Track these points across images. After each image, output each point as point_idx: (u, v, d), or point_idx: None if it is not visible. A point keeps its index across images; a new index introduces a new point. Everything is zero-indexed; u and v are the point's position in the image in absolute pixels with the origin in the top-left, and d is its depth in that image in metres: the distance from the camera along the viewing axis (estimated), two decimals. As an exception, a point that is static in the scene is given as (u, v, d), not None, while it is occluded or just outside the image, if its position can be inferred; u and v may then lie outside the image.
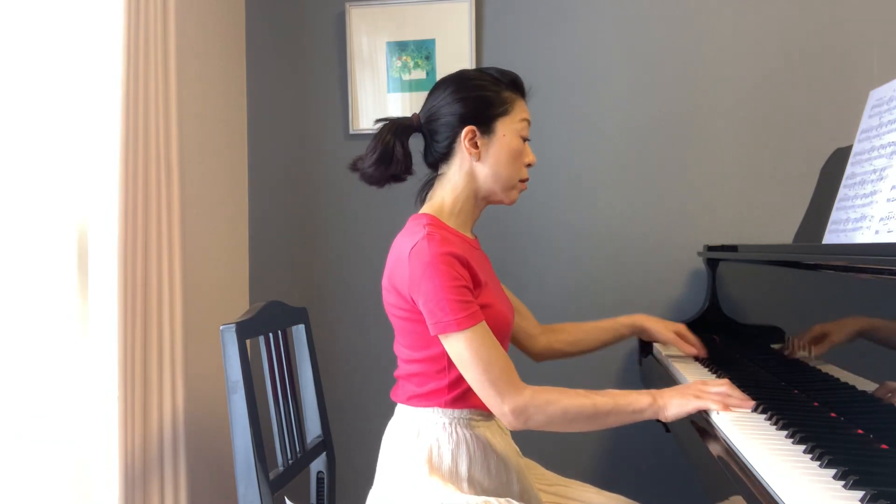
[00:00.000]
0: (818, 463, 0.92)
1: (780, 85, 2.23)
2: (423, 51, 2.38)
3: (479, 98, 1.36)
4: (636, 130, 2.31)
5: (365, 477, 1.48)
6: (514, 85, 1.42)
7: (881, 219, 1.28)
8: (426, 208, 1.41)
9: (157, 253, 1.86)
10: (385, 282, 1.36)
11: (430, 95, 1.42)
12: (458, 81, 1.39)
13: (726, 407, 1.20)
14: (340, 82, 2.46)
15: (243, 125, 2.52)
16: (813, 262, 1.33)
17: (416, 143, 1.44)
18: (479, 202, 1.42)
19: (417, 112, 1.44)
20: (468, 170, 1.38)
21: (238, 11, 2.49)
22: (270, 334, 1.69)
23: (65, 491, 1.70)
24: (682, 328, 1.68)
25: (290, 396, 1.72)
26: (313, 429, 1.81)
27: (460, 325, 1.22)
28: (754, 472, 0.95)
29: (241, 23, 2.51)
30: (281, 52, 2.51)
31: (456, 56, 2.36)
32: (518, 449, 1.46)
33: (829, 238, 1.46)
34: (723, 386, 1.25)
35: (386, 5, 2.39)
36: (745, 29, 2.25)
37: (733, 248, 1.99)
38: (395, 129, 1.40)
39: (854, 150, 1.50)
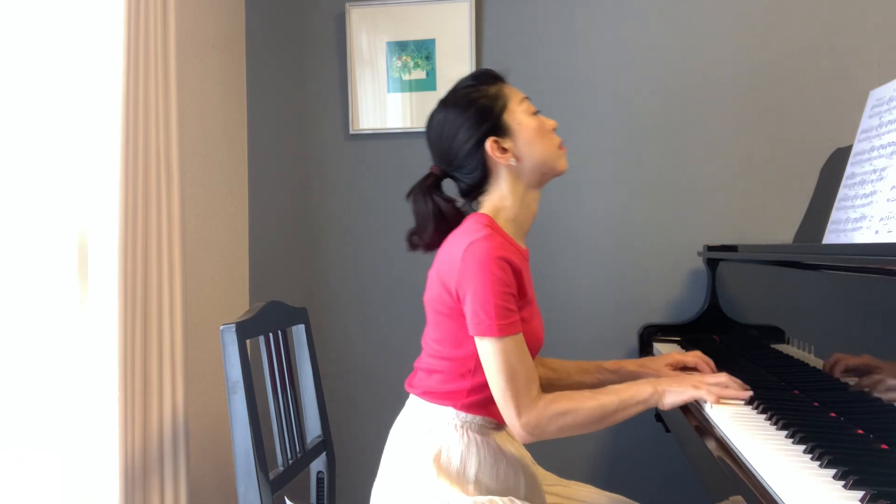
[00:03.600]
0: (818, 463, 0.92)
1: (779, 85, 2.23)
2: (423, 51, 2.38)
3: (475, 111, 1.35)
4: (636, 130, 2.31)
5: (365, 477, 1.48)
6: (492, 77, 1.40)
7: (881, 219, 1.29)
8: (485, 210, 1.39)
9: (157, 253, 1.86)
10: (432, 275, 1.35)
11: (431, 141, 1.40)
12: (448, 110, 1.37)
13: (718, 399, 1.23)
14: (340, 82, 2.46)
15: (243, 125, 2.52)
16: (813, 262, 1.33)
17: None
18: (532, 192, 1.40)
19: (432, 164, 1.42)
20: (510, 173, 1.36)
21: (238, 11, 2.49)
22: (270, 334, 1.69)
23: (65, 491, 1.70)
24: (675, 361, 1.52)
25: (290, 396, 1.72)
26: (313, 429, 1.81)
27: (501, 332, 1.22)
28: (754, 472, 0.95)
29: (241, 23, 2.51)
30: (281, 52, 2.51)
31: (456, 56, 2.36)
32: (530, 455, 1.46)
33: (829, 238, 1.46)
34: (721, 377, 1.28)
35: (386, 5, 2.39)
36: (744, 29, 2.25)
37: (733, 248, 1.99)
38: (427, 191, 1.39)
39: (854, 150, 1.50)
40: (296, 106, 2.51)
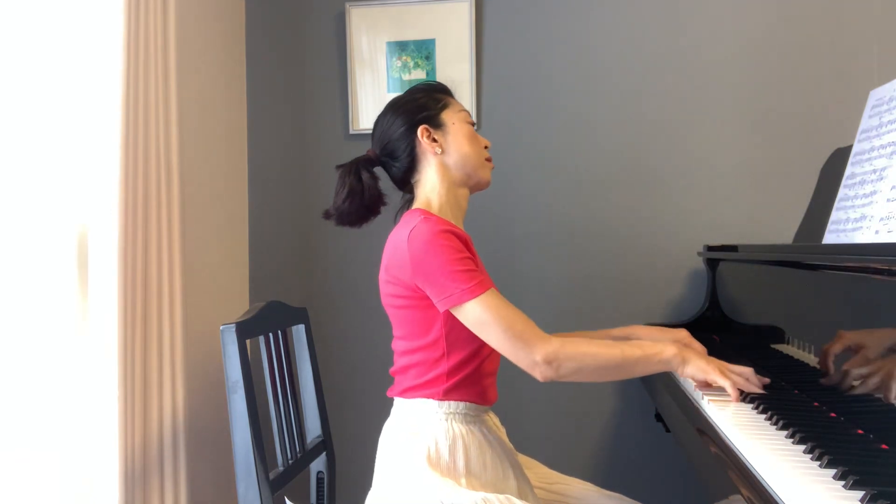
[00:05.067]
0: (818, 463, 0.92)
1: (780, 85, 2.23)
2: (423, 51, 2.38)
3: (418, 104, 1.45)
4: (636, 130, 2.31)
5: (365, 477, 1.48)
6: (441, 88, 1.51)
7: (881, 219, 1.29)
8: (417, 204, 1.45)
9: (157, 253, 1.86)
10: (383, 275, 1.38)
11: (373, 131, 1.49)
12: (393, 104, 1.48)
13: (738, 396, 1.24)
14: (340, 82, 2.46)
15: (243, 125, 2.52)
16: (813, 262, 1.33)
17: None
18: (460, 191, 1.47)
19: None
20: (437, 164, 1.44)
21: (238, 11, 2.49)
22: (270, 334, 1.69)
23: (65, 491, 1.70)
24: (684, 336, 1.55)
25: (290, 396, 1.72)
26: (313, 429, 1.81)
27: (473, 293, 1.25)
28: (754, 472, 0.95)
29: (241, 23, 2.50)
30: (281, 52, 2.51)
31: (456, 56, 2.36)
32: (513, 447, 1.47)
33: (829, 238, 1.46)
34: (746, 370, 1.30)
35: (386, 5, 2.39)
36: (745, 29, 2.25)
37: (733, 248, 1.99)
38: (354, 166, 1.47)
39: (854, 150, 1.50)
40: (296, 106, 2.50)
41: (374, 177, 1.47)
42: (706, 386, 1.31)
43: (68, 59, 1.72)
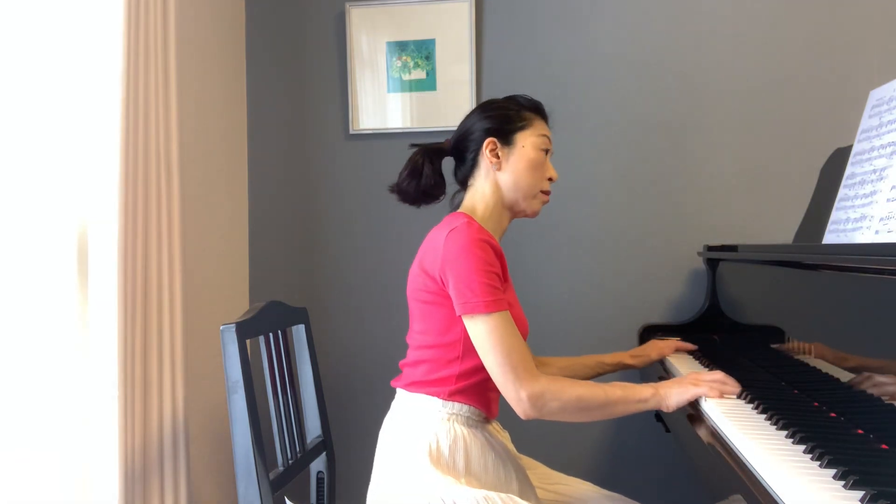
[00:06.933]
0: (818, 463, 0.92)
1: (780, 85, 2.23)
2: (423, 51, 2.38)
3: (500, 115, 1.46)
4: (636, 130, 2.31)
5: (365, 476, 1.48)
6: (536, 108, 1.51)
7: (881, 219, 1.29)
8: (462, 209, 1.47)
9: (157, 253, 1.86)
10: (414, 268, 1.40)
11: (461, 123, 1.51)
12: (484, 105, 1.50)
13: (721, 395, 1.27)
14: (340, 82, 2.46)
15: (243, 125, 2.52)
16: (813, 262, 1.33)
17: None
18: (505, 212, 1.48)
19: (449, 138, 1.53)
20: (492, 179, 1.45)
21: (238, 11, 2.49)
22: (270, 334, 1.69)
23: (65, 491, 1.70)
24: (671, 348, 1.74)
25: (290, 396, 1.72)
26: (313, 429, 1.81)
27: (488, 308, 1.26)
28: (754, 472, 0.95)
29: (241, 22, 2.50)
30: (281, 51, 2.50)
31: (456, 56, 2.36)
32: (516, 451, 1.46)
33: (829, 238, 1.46)
34: (717, 374, 1.32)
35: (386, 5, 2.39)
36: (745, 29, 2.25)
37: (733, 248, 1.99)
38: (425, 152, 1.48)
39: (854, 150, 1.50)
40: (296, 106, 2.50)
41: (437, 168, 1.48)
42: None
43: (69, 59, 1.72)
